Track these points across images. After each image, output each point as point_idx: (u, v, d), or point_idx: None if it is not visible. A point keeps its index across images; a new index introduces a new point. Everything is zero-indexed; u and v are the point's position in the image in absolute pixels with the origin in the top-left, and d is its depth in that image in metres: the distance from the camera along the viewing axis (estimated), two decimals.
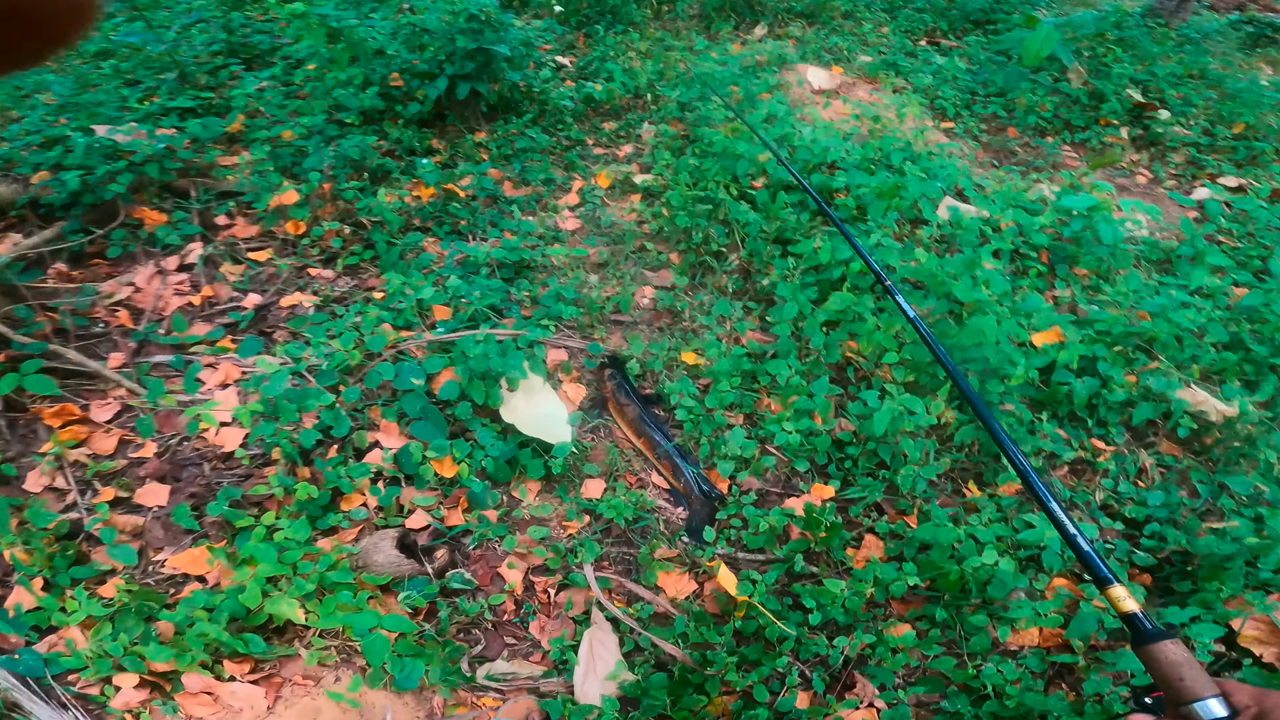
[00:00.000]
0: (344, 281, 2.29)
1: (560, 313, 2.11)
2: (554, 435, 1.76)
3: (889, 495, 1.77)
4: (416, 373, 1.80)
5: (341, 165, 2.49)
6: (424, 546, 1.61)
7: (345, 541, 1.63)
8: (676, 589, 1.62)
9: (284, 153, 2.58)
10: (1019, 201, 2.68)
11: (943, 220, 2.59)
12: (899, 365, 1.81)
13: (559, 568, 1.64)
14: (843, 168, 2.54)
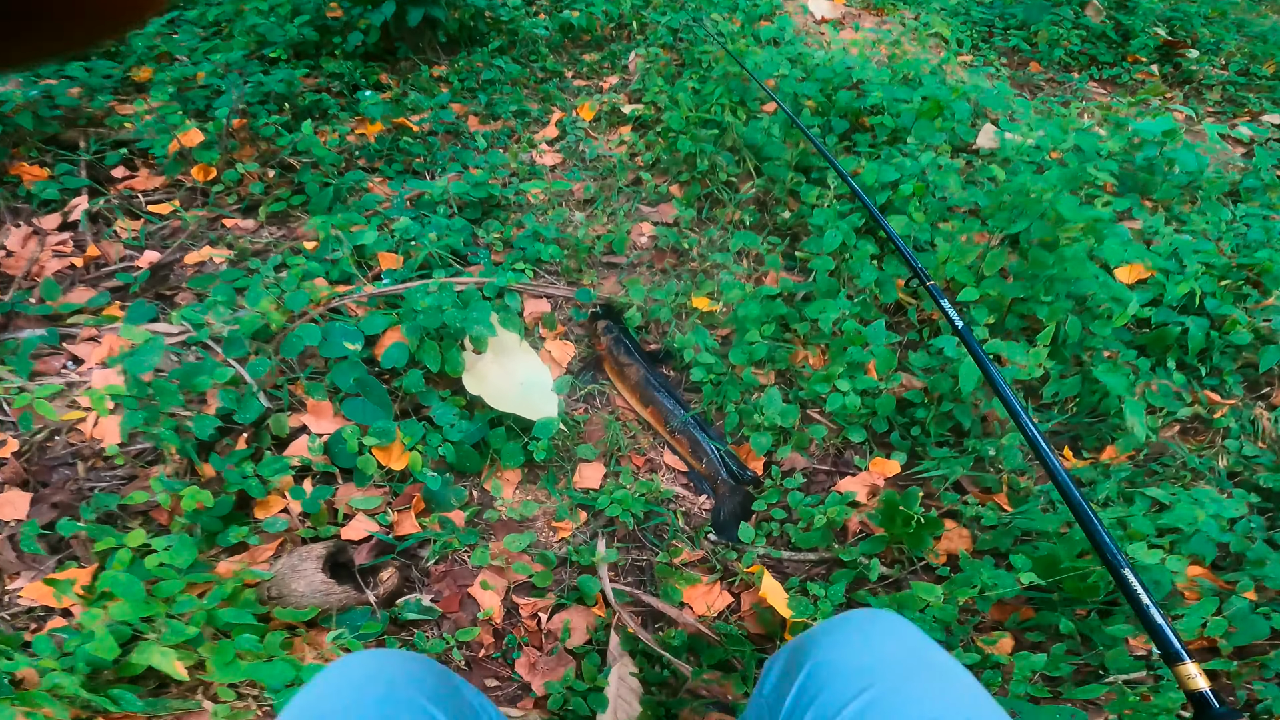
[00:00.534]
0: (268, 232, 1.84)
1: (539, 254, 1.67)
2: (535, 409, 1.34)
3: (973, 470, 1.36)
4: (351, 334, 1.36)
5: (259, 100, 2.03)
6: (364, 566, 1.19)
7: (257, 562, 1.20)
8: (706, 603, 1.21)
9: (196, 95, 2.12)
10: (1068, 128, 2.28)
11: (987, 149, 2.20)
12: (979, 303, 1.40)
13: (550, 584, 1.22)
14: (869, 88, 2.11)
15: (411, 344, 1.32)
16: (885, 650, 0.60)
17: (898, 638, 0.61)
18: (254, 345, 1.44)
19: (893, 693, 0.54)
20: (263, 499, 1.25)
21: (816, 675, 0.59)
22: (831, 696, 0.57)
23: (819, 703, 0.57)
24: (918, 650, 0.60)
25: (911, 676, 0.56)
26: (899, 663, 0.58)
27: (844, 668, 0.59)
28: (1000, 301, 1.45)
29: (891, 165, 1.72)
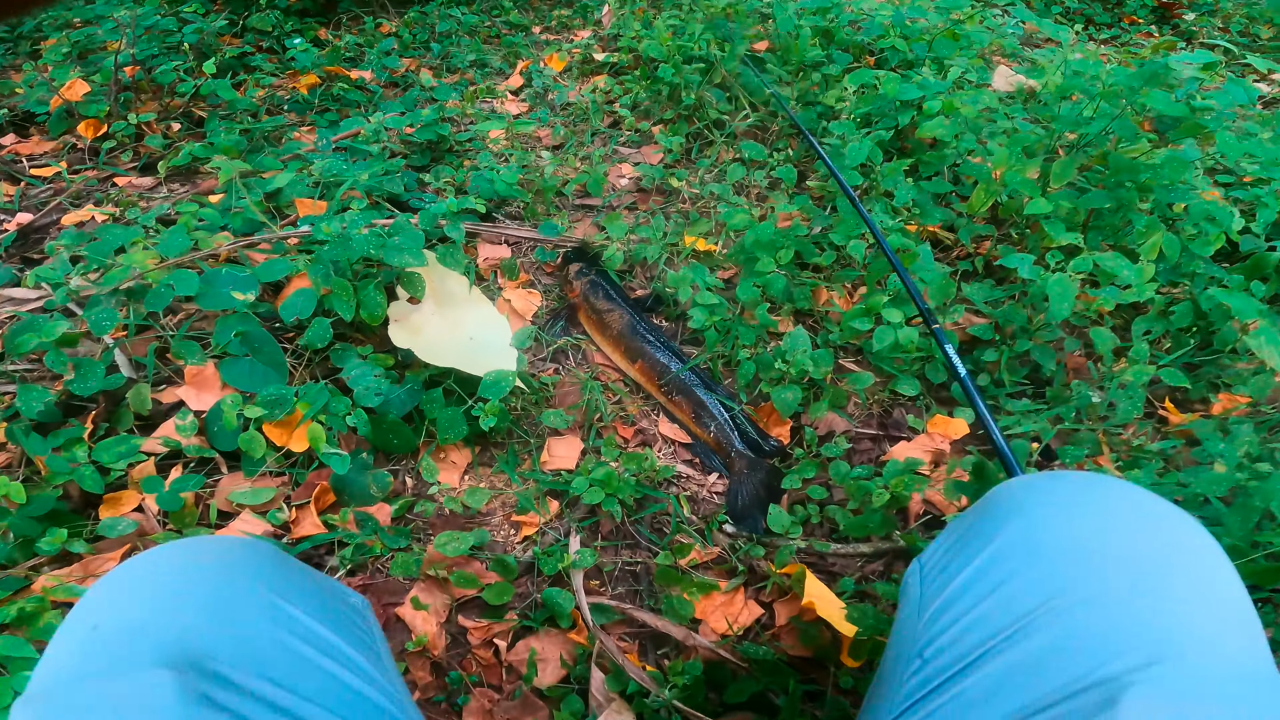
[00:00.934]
0: (169, 189, 1.51)
1: (496, 190, 1.35)
2: (484, 364, 1.00)
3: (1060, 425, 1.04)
4: (241, 282, 1.03)
5: (160, 48, 1.72)
6: None
7: (92, 575, 0.85)
8: (727, 618, 0.87)
9: (99, 58, 1.81)
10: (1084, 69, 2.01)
11: (1005, 92, 1.92)
12: (1052, 219, 1.08)
13: (509, 600, 0.87)
14: (877, 11, 1.83)
15: (316, 286, 0.99)
16: (1101, 536, 0.41)
17: (1125, 518, 0.42)
18: (121, 302, 1.10)
19: (1094, 599, 0.38)
20: (105, 493, 0.90)
21: (999, 558, 0.43)
22: (999, 603, 0.41)
23: (993, 601, 0.41)
24: (1152, 537, 0.41)
25: (1123, 569, 0.39)
26: (1114, 553, 0.40)
27: (1038, 551, 0.41)
28: (1075, 217, 1.14)
29: (913, 84, 1.43)
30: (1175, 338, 1.10)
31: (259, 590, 0.38)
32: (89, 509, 0.93)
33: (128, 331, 1.06)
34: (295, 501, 0.94)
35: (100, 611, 0.34)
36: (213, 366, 1.03)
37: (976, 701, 0.39)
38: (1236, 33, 3.21)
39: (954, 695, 0.41)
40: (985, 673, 0.40)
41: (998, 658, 0.39)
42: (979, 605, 0.42)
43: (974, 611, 0.42)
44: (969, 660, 0.41)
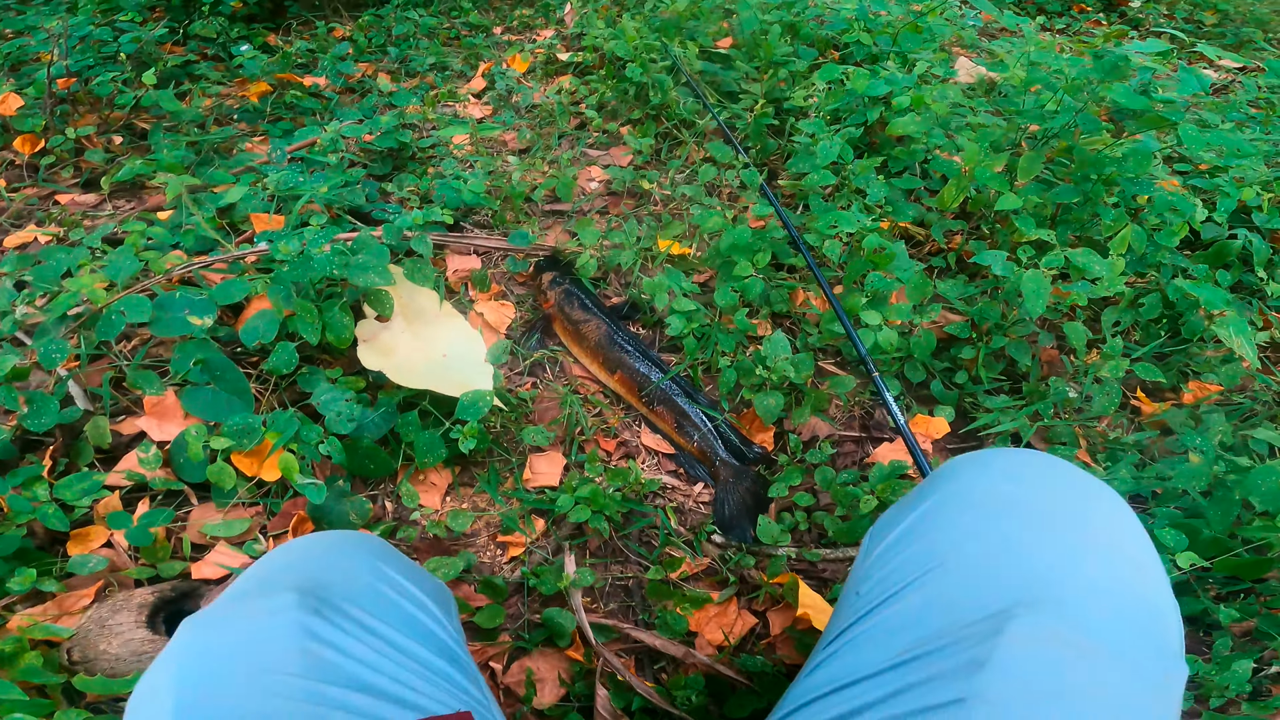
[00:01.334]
0: (114, 206, 1.44)
1: (462, 198, 1.32)
2: (460, 383, 0.97)
3: (1037, 421, 1.05)
4: (198, 305, 0.98)
5: (96, 59, 1.64)
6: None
7: (67, 613, 0.81)
8: (722, 629, 0.86)
9: (31, 70, 1.71)
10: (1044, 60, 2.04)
11: (967, 84, 1.94)
12: (1023, 214, 1.09)
13: (502, 623, 0.85)
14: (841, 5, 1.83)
15: (278, 308, 0.95)
16: (1018, 493, 0.45)
17: (1043, 480, 0.46)
18: (74, 334, 1.04)
19: (997, 545, 0.43)
20: (72, 529, 0.86)
21: (931, 512, 0.48)
22: (924, 550, 0.46)
23: (919, 546, 0.46)
24: (1063, 494, 0.45)
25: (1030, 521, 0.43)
26: (1026, 506, 0.44)
27: (964, 506, 0.46)
28: (1042, 211, 1.15)
29: (880, 79, 1.42)
30: (1145, 328, 1.12)
31: (363, 555, 0.50)
32: (56, 545, 0.88)
33: (80, 361, 1.00)
34: (272, 532, 0.90)
35: (258, 566, 0.48)
36: (173, 395, 0.98)
37: (892, 629, 0.44)
38: (1182, 19, 3.30)
39: (875, 623, 0.45)
40: (902, 604, 0.44)
41: (914, 593, 0.44)
42: (907, 550, 0.47)
43: (902, 555, 0.47)
44: (891, 593, 0.45)
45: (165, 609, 0.81)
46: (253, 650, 0.39)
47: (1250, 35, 3.05)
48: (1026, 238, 1.11)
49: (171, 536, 0.90)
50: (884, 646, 0.43)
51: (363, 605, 0.45)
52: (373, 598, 0.46)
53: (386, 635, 0.45)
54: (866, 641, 0.45)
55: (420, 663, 0.46)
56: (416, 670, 0.45)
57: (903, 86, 1.31)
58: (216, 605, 0.43)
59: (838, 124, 1.41)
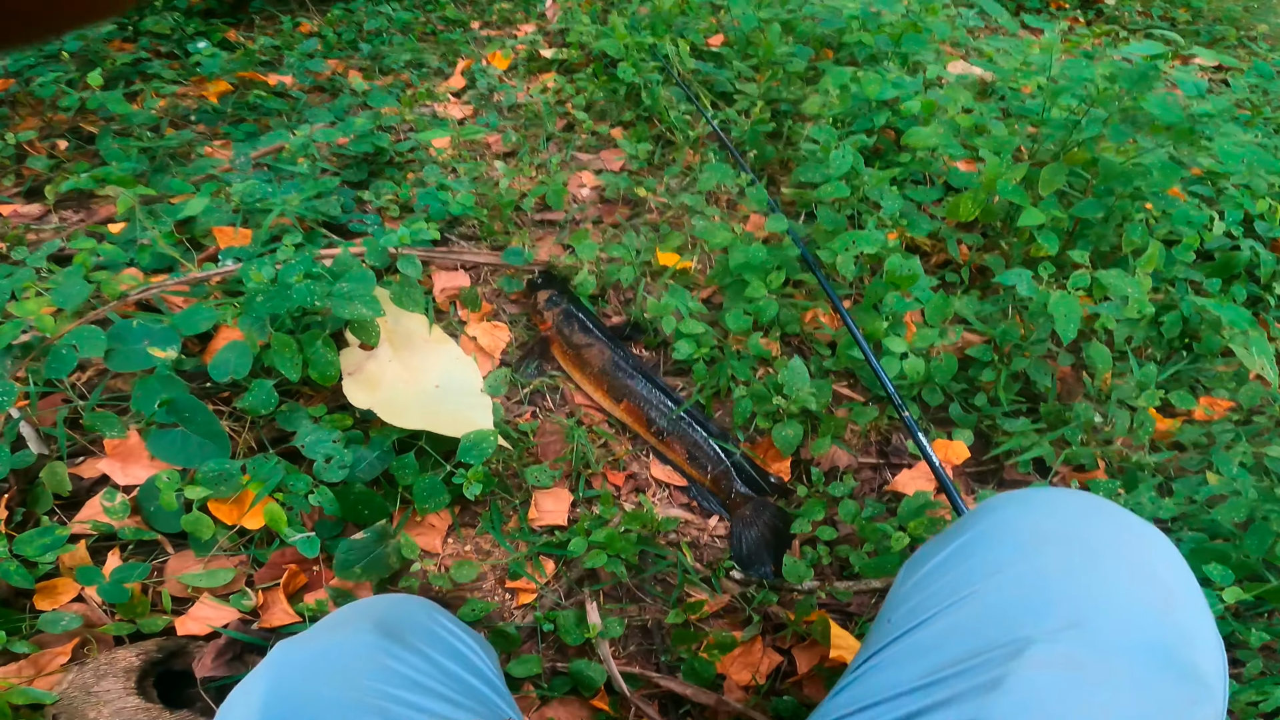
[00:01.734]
0: (61, 218, 1.31)
1: (448, 209, 1.23)
2: (460, 421, 0.90)
3: (1064, 448, 1.02)
4: (159, 335, 0.88)
5: (37, 58, 1.50)
6: (210, 679, 0.72)
7: (43, 673, 0.72)
8: (749, 669, 0.81)
9: None
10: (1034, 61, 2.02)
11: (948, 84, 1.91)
12: (1045, 229, 1.05)
13: (533, 675, 0.78)
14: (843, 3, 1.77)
15: (252, 342, 0.85)
16: (1058, 527, 0.45)
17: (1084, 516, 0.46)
18: (18, 365, 0.93)
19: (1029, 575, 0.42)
20: (35, 587, 0.76)
21: (968, 545, 0.48)
22: (959, 578, 0.45)
23: (953, 575, 0.46)
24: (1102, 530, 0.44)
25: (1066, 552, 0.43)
26: (1064, 539, 0.44)
27: (1001, 539, 0.46)
28: (1061, 225, 1.12)
29: (888, 82, 1.37)
30: (1167, 346, 1.10)
31: (418, 606, 0.57)
32: (20, 598, 0.79)
33: (30, 400, 0.90)
34: (260, 584, 0.81)
35: (332, 615, 0.53)
36: (136, 435, 0.89)
37: (918, 652, 0.44)
38: (1158, 16, 3.34)
39: (902, 646, 0.46)
40: (931, 629, 0.45)
41: (943, 619, 0.45)
42: (942, 579, 0.48)
43: (937, 583, 0.48)
44: (921, 619, 0.46)
45: (154, 672, 0.72)
46: (337, 657, 0.45)
47: (1223, 33, 3.09)
48: (1044, 252, 1.07)
49: (148, 589, 0.81)
50: (909, 668, 0.44)
51: (422, 639, 0.51)
52: (430, 636, 0.52)
53: (444, 665, 0.51)
54: (892, 664, 0.46)
55: (472, 692, 0.52)
56: (470, 696, 0.51)
57: (911, 91, 1.26)
58: (306, 631, 0.50)
59: (841, 129, 1.36)
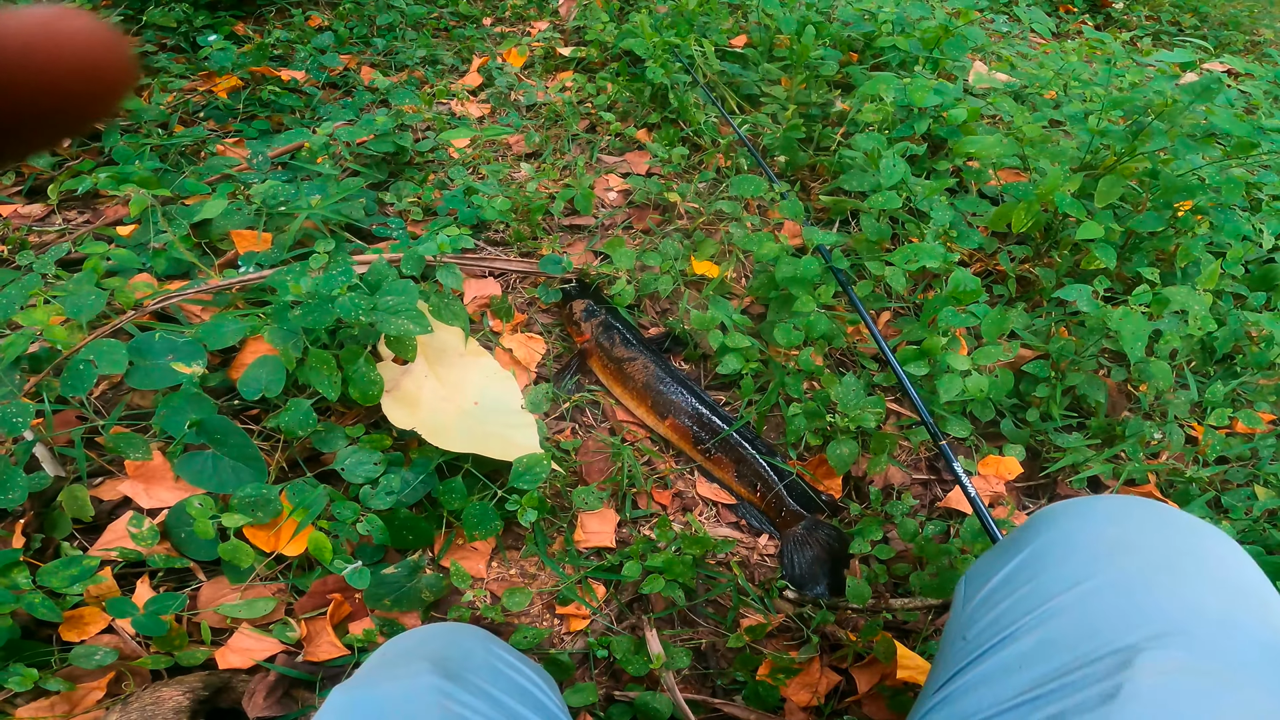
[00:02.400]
0: (65, 219, 1.25)
1: (480, 213, 1.18)
2: (505, 443, 0.85)
3: (1115, 460, 0.99)
4: (184, 349, 0.83)
5: None
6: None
7: (80, 711, 0.67)
8: (810, 690, 0.78)
9: None
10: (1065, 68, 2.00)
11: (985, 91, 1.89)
12: (1101, 243, 1.02)
13: (590, 704, 0.74)
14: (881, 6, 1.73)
15: (287, 358, 0.80)
16: (1129, 536, 0.45)
17: (1153, 524, 0.46)
18: (28, 379, 0.88)
19: (1111, 586, 0.42)
20: (61, 620, 0.71)
21: (1034, 558, 0.47)
22: (1033, 593, 0.45)
23: (1028, 589, 0.46)
24: (1175, 537, 0.45)
25: (1144, 564, 0.43)
26: (1140, 548, 0.44)
27: (1070, 550, 0.46)
28: (1113, 237, 1.09)
29: (930, 88, 1.33)
30: (1216, 361, 1.08)
31: (476, 639, 0.54)
32: (44, 629, 0.74)
33: (45, 419, 0.84)
34: (301, 614, 0.76)
35: (388, 647, 0.52)
36: (160, 456, 0.83)
37: (1009, 669, 0.43)
38: (1166, 21, 3.35)
39: (989, 665, 0.45)
40: (1018, 645, 0.44)
41: (1029, 634, 0.44)
42: (1015, 593, 0.47)
43: (1010, 599, 0.47)
44: (1002, 636, 0.45)
45: (203, 711, 0.67)
46: (398, 704, 0.43)
47: (1230, 38, 3.11)
48: (1099, 265, 1.04)
49: (182, 619, 0.76)
50: (1002, 687, 0.43)
51: (483, 676, 0.49)
52: (490, 672, 0.50)
53: (504, 703, 0.49)
54: (981, 684, 0.45)
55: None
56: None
57: (953, 98, 1.23)
58: (362, 671, 0.49)
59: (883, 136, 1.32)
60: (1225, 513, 0.97)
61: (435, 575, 0.77)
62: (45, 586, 0.70)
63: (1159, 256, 1.21)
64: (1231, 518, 0.95)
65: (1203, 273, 0.94)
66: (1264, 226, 1.21)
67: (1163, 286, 0.93)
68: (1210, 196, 1.00)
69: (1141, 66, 1.79)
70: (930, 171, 1.29)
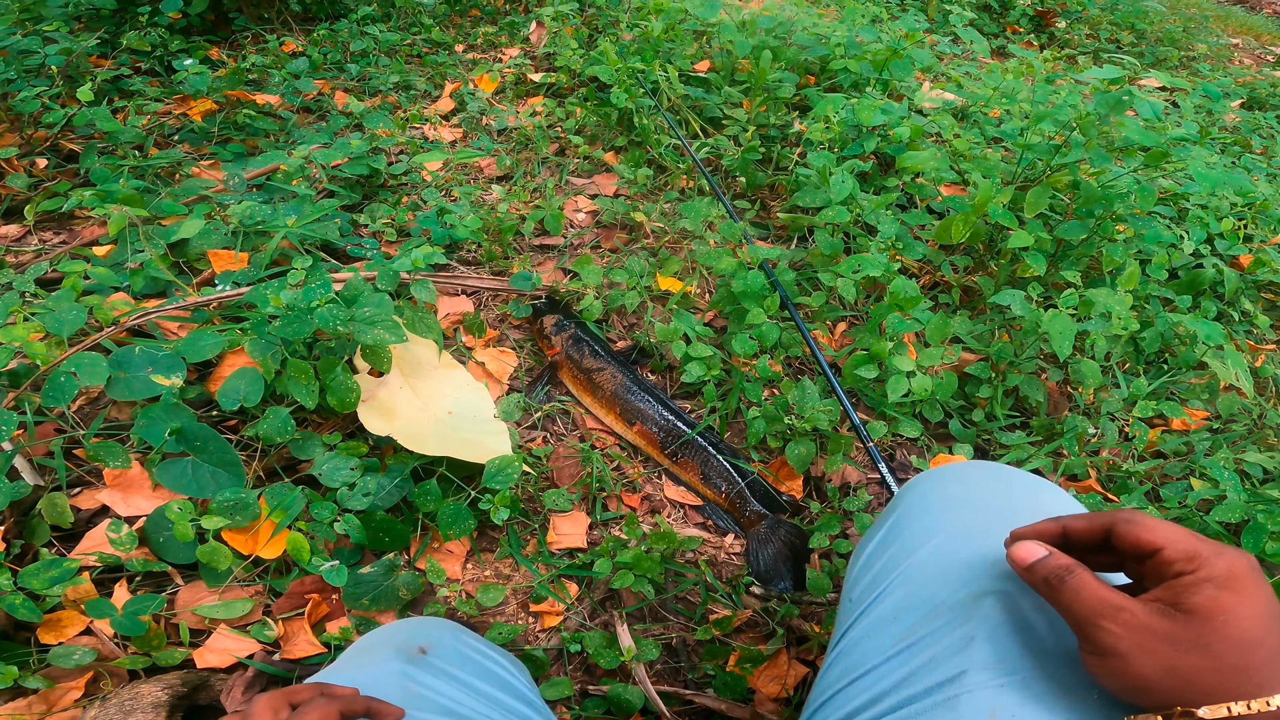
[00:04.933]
0: (40, 239, 1.27)
1: (452, 233, 1.23)
2: (478, 447, 0.89)
3: (1057, 456, 1.06)
4: (163, 361, 0.86)
5: (18, 72, 1.45)
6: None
7: (57, 710, 0.68)
8: (777, 681, 0.82)
9: None
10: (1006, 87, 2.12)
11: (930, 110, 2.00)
12: (1033, 251, 1.11)
13: (565, 697, 0.77)
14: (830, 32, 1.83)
15: (266, 369, 0.84)
16: (970, 492, 0.54)
17: (989, 480, 0.55)
18: (8, 392, 0.89)
19: (957, 538, 0.50)
20: (42, 621, 0.73)
21: (899, 521, 0.56)
22: (899, 550, 0.53)
23: (895, 549, 0.54)
24: (1007, 489, 0.54)
25: (983, 514, 0.51)
26: (979, 502, 0.53)
27: (924, 510, 0.54)
28: (1044, 245, 1.17)
29: (876, 108, 1.42)
30: (1144, 361, 1.16)
31: (445, 628, 0.57)
32: (22, 632, 0.75)
33: (25, 430, 0.86)
34: (279, 614, 0.79)
35: (361, 641, 0.56)
36: (139, 465, 0.86)
37: (885, 622, 0.50)
38: (1105, 39, 3.53)
39: (869, 620, 0.51)
40: (890, 601, 0.50)
41: (898, 589, 0.50)
42: (886, 554, 0.54)
43: (883, 559, 0.54)
44: (877, 593, 0.52)
45: (182, 706, 0.69)
46: (363, 688, 0.46)
47: (1166, 54, 3.29)
48: (1032, 273, 1.12)
49: (160, 621, 0.78)
50: (881, 638, 0.49)
51: (450, 661, 0.52)
52: (457, 656, 0.54)
53: (468, 682, 0.52)
54: (865, 638, 0.51)
55: (499, 704, 0.53)
56: (496, 709, 0.52)
57: (899, 117, 1.31)
58: (333, 664, 0.53)
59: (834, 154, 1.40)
60: (1161, 503, 1.04)
61: (412, 573, 0.80)
62: (26, 588, 0.71)
63: (1092, 266, 1.30)
64: (1165, 507, 1.02)
65: (1124, 275, 1.02)
66: (1186, 233, 1.30)
67: (1091, 290, 1.01)
68: (1128, 205, 1.09)
69: (1079, 84, 1.90)
70: (880, 188, 1.37)
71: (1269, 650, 0.34)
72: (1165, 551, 0.37)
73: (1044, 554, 0.41)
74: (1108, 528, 0.40)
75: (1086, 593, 0.37)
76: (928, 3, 3.33)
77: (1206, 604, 0.35)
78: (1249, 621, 0.34)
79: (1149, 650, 0.35)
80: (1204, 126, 2.05)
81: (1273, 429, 1.19)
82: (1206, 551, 0.36)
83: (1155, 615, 0.36)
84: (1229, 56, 3.73)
